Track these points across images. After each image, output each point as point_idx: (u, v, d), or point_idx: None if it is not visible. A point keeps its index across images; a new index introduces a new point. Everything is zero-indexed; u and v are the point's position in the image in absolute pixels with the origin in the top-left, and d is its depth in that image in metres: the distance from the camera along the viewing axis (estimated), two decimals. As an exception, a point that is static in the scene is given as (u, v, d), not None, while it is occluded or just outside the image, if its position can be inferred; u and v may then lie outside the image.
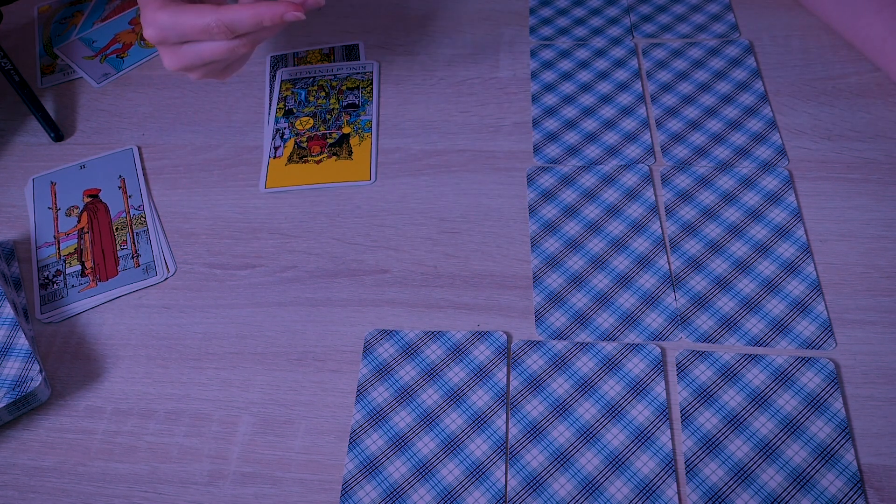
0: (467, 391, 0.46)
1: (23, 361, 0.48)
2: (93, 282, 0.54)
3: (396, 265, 0.53)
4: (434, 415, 0.46)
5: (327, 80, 0.65)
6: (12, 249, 0.56)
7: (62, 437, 0.47)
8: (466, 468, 0.44)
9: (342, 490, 0.43)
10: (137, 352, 0.50)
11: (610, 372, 0.46)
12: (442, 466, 0.44)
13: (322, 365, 0.49)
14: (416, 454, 0.44)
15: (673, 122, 0.58)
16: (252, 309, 0.52)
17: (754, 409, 0.44)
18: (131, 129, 0.63)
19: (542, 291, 0.50)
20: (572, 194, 0.55)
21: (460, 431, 0.45)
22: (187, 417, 0.47)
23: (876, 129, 0.56)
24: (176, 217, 0.57)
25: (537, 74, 0.63)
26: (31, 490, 0.45)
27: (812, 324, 0.47)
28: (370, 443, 0.45)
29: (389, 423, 0.46)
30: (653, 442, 0.43)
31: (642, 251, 0.51)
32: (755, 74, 0.60)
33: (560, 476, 0.43)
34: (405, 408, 0.46)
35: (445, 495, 0.43)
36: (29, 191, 0.60)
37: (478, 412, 0.46)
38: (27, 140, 0.64)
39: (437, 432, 0.45)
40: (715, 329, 0.47)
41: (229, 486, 0.44)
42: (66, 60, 0.70)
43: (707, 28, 0.65)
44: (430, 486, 0.43)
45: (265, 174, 0.59)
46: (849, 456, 0.42)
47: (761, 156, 0.55)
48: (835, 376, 0.45)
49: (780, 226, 0.51)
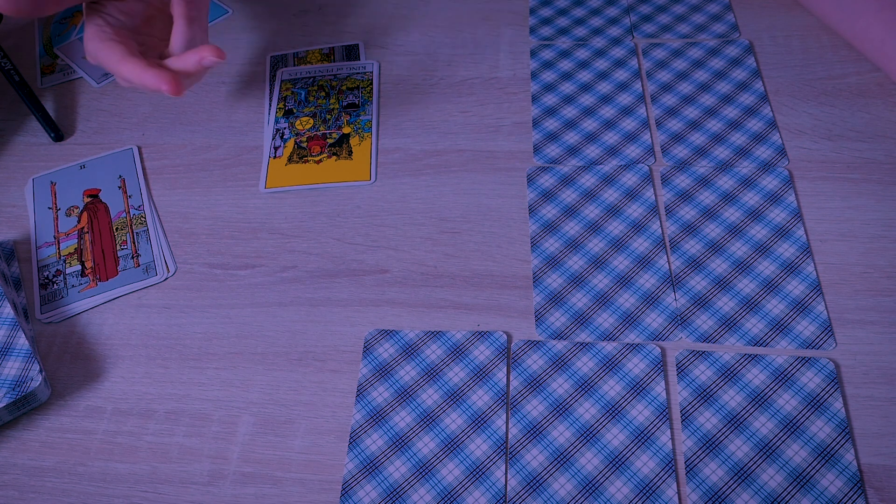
0: (467, 391, 0.46)
1: (23, 361, 0.48)
2: (93, 282, 0.54)
3: (396, 265, 0.53)
4: (434, 415, 0.46)
5: (327, 80, 0.65)
6: (12, 249, 0.56)
7: (62, 437, 0.47)
8: (466, 468, 0.44)
9: (342, 490, 0.43)
10: (137, 352, 0.50)
11: (610, 372, 0.46)
12: (442, 466, 0.44)
13: (322, 365, 0.49)
14: (416, 454, 0.44)
15: (673, 122, 0.58)
16: (252, 309, 0.52)
17: (754, 409, 0.44)
18: (131, 129, 0.63)
19: (542, 291, 0.50)
20: (572, 194, 0.55)
21: (460, 431, 0.45)
22: (187, 417, 0.47)
23: (876, 129, 0.56)
24: (176, 217, 0.57)
25: (537, 74, 0.63)
26: (31, 490, 0.45)
27: (812, 324, 0.47)
28: (370, 443, 0.45)
29: (389, 423, 0.46)
30: (653, 442, 0.43)
31: (642, 251, 0.51)
32: (755, 74, 0.60)
33: (560, 476, 0.43)
34: (405, 408, 0.46)
35: (445, 495, 0.43)
36: (29, 191, 0.60)
37: (478, 412, 0.46)
38: (27, 140, 0.64)
39: (437, 432, 0.45)
40: (715, 329, 0.47)
41: (229, 486, 0.44)
42: (66, 60, 0.70)
43: (707, 28, 0.65)
44: (430, 486, 0.43)
45: (265, 174, 0.59)
46: (849, 456, 0.42)
47: (761, 156, 0.55)
48: (835, 376, 0.45)
49: (780, 226, 0.51)
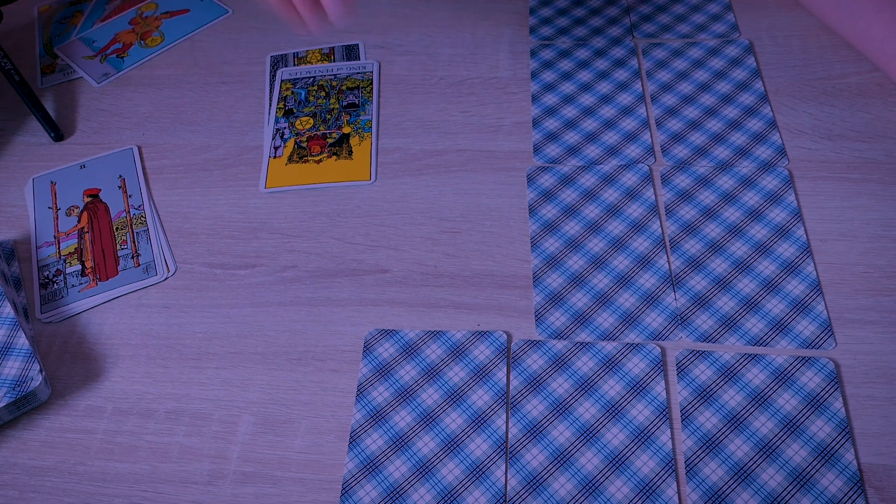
0: (467, 391, 0.46)
1: (23, 361, 0.48)
2: (93, 281, 0.54)
3: (396, 265, 0.53)
4: (434, 414, 0.46)
5: (327, 79, 0.65)
6: (12, 249, 0.56)
7: (62, 437, 0.47)
8: (466, 468, 0.44)
9: (342, 489, 0.43)
10: (137, 351, 0.50)
11: (610, 371, 0.46)
12: (442, 466, 0.44)
13: (322, 365, 0.49)
14: (417, 454, 0.44)
15: (673, 121, 0.58)
16: (252, 309, 0.52)
17: (754, 408, 0.44)
18: (131, 129, 0.63)
19: (542, 291, 0.50)
20: (572, 194, 0.55)
21: (460, 431, 0.45)
22: (187, 417, 0.47)
23: (876, 129, 0.56)
24: (176, 217, 0.57)
25: (537, 74, 0.63)
26: (31, 490, 0.45)
27: (812, 323, 0.47)
28: (370, 442, 0.45)
29: (389, 423, 0.46)
30: (653, 441, 0.43)
31: (642, 251, 0.51)
32: (755, 74, 0.60)
33: (560, 476, 0.43)
34: (405, 407, 0.46)
35: (445, 495, 0.43)
36: (29, 191, 0.60)
37: (478, 412, 0.46)
38: (27, 140, 0.64)
39: (438, 432, 0.45)
40: (715, 329, 0.47)
41: (229, 485, 0.44)
42: (67, 60, 0.70)
43: (707, 28, 0.65)
44: (430, 486, 0.43)
45: (265, 174, 0.59)
46: (849, 456, 0.42)
47: (761, 156, 0.55)
48: (835, 376, 0.45)
49: (780, 225, 0.51)
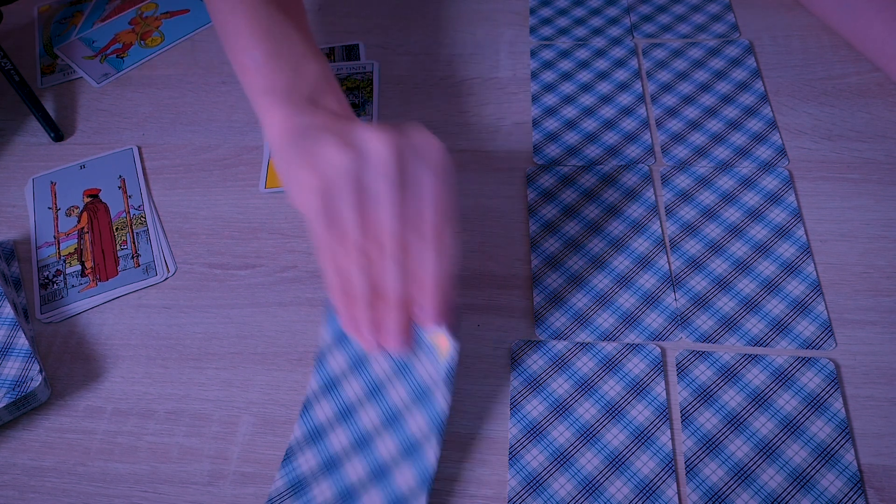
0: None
1: (23, 361, 0.48)
2: (93, 282, 0.54)
3: (396, 265, 0.53)
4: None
5: (327, 80, 0.65)
6: (12, 249, 0.56)
7: (62, 437, 0.47)
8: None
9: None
10: (137, 352, 0.50)
11: (610, 372, 0.46)
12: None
13: (322, 365, 0.49)
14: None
15: (673, 122, 0.58)
16: (252, 309, 0.52)
17: (754, 409, 0.44)
18: (131, 129, 0.63)
19: (542, 291, 0.50)
20: (572, 194, 0.55)
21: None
22: (187, 417, 0.47)
23: (876, 129, 0.56)
24: (176, 217, 0.57)
25: (537, 74, 0.63)
26: (31, 490, 0.45)
27: (812, 324, 0.47)
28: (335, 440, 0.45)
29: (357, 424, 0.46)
30: (653, 442, 0.43)
31: (642, 251, 0.51)
32: (755, 74, 0.60)
33: (560, 476, 0.43)
34: (373, 407, 0.46)
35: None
36: (29, 191, 0.60)
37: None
38: (27, 140, 0.64)
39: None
40: (715, 329, 0.47)
41: (229, 486, 0.44)
42: (66, 60, 0.70)
43: (707, 28, 0.65)
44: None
45: (265, 174, 0.59)
46: (849, 456, 0.42)
47: (761, 156, 0.55)
48: (835, 376, 0.45)
49: (780, 226, 0.51)
